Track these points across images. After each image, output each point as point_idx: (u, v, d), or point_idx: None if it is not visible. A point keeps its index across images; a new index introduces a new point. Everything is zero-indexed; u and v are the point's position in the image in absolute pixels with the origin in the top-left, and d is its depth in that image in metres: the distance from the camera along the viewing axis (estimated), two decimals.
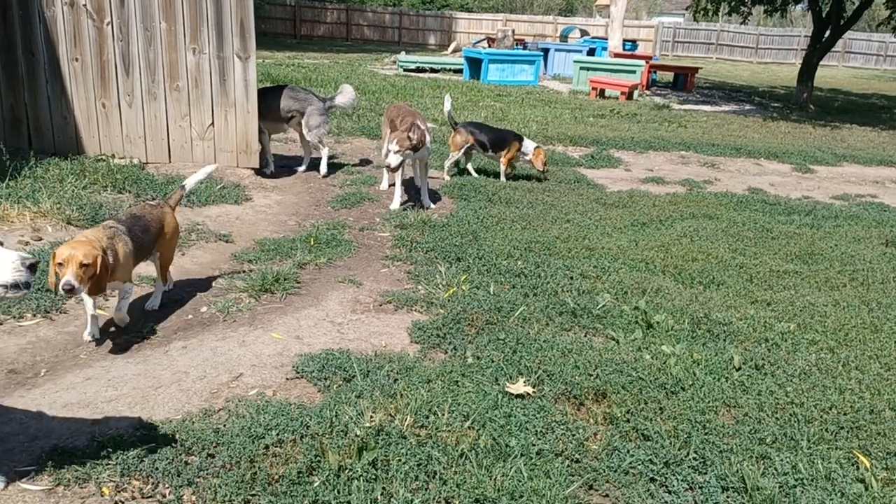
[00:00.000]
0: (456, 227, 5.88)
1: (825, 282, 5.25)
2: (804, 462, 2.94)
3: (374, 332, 4.05)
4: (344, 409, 3.07)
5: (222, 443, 2.82)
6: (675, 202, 7.36)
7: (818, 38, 18.76)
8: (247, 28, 6.65)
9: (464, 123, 8.00)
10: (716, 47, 40.91)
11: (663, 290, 4.79)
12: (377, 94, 13.64)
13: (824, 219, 7.13)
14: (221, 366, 3.52)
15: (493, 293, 4.57)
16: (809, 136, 13.62)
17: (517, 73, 18.82)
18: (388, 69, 20.48)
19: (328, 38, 36.47)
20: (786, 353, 4.00)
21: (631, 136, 11.44)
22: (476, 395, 3.31)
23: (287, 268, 4.78)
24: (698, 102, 18.45)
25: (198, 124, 6.82)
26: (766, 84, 26.28)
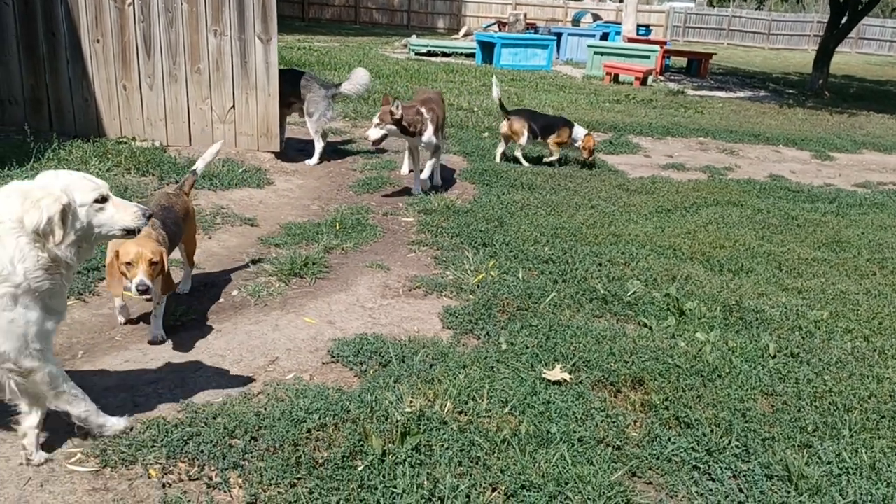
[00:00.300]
0: (480, 213, 5.85)
1: (854, 270, 5.21)
2: (848, 451, 2.92)
3: (406, 317, 4.03)
4: (384, 394, 3.06)
5: (264, 426, 2.82)
6: (698, 189, 7.31)
7: (835, 24, 18.55)
8: (268, 10, 6.60)
9: (516, 111, 7.90)
10: (727, 33, 40.52)
11: (693, 278, 4.76)
12: (391, 77, 13.55)
13: (849, 206, 7.07)
14: (257, 349, 3.52)
15: (522, 279, 4.54)
16: (827, 122, 13.51)
17: (530, 58, 18.67)
18: (400, 53, 20.36)
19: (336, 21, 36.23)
20: (820, 342, 3.97)
21: (648, 121, 11.36)
22: (513, 382, 3.30)
23: (315, 252, 4.76)
24: (713, 88, 18.30)
25: (218, 107, 6.78)
26: (780, 70, 26.05)
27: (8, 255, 2.24)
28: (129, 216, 2.52)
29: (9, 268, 2.24)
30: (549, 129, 7.76)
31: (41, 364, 2.42)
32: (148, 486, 2.49)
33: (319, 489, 2.50)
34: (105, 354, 3.35)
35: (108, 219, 2.48)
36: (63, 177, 2.42)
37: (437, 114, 6.35)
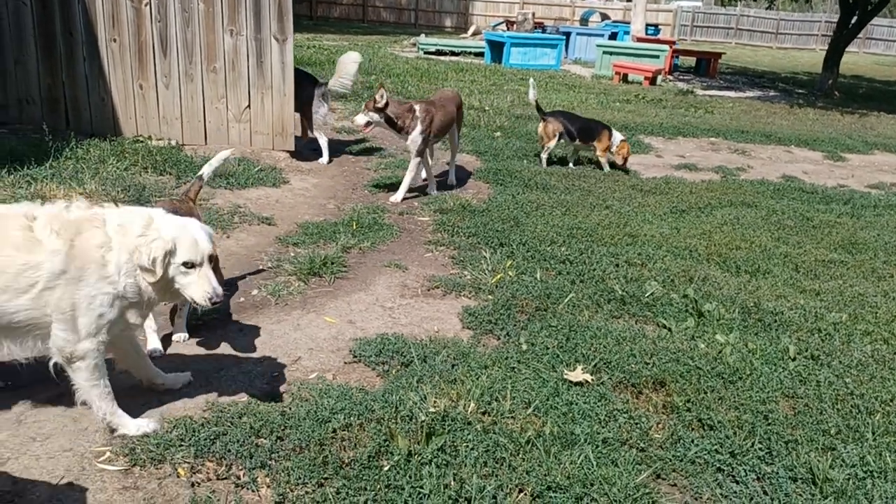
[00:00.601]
0: (496, 213, 5.86)
1: (871, 272, 5.20)
2: (872, 454, 2.93)
3: (426, 317, 4.05)
4: (407, 395, 3.07)
5: (290, 426, 2.83)
6: (712, 189, 7.30)
7: (845, 24, 18.48)
8: (284, 9, 6.62)
9: (552, 112, 7.89)
10: (735, 32, 40.36)
11: (710, 279, 4.76)
12: (402, 76, 13.56)
13: (863, 208, 7.05)
14: (279, 349, 3.53)
15: (539, 279, 4.55)
16: (838, 123, 13.47)
17: (539, 57, 18.65)
18: (409, 52, 20.36)
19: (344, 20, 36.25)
20: (840, 344, 3.97)
21: (659, 121, 11.35)
22: (535, 382, 3.31)
23: (333, 252, 4.78)
24: (722, 88, 18.26)
25: (234, 106, 6.81)
26: (789, 70, 25.96)
27: (116, 265, 2.52)
28: (200, 293, 2.62)
29: (115, 275, 2.52)
30: (587, 132, 7.70)
31: (95, 356, 2.58)
32: (177, 484, 2.51)
33: (346, 489, 2.51)
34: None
35: (186, 284, 2.62)
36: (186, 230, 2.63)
37: (433, 115, 6.16)
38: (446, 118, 6.39)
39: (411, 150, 6.20)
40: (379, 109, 5.92)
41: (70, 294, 2.46)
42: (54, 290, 2.45)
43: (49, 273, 2.42)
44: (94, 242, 2.50)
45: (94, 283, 2.50)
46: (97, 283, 2.50)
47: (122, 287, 2.54)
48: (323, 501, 2.46)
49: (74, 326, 2.50)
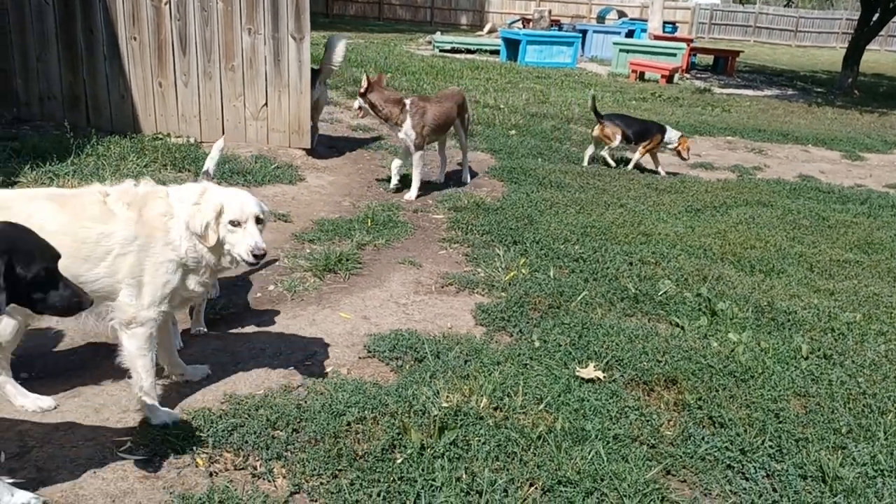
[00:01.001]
0: (510, 211, 5.89)
1: (887, 272, 5.18)
2: (883, 453, 2.93)
3: (439, 313, 4.09)
4: (420, 389, 3.12)
5: (305, 418, 2.89)
6: (728, 188, 7.29)
7: (866, 22, 18.30)
8: (302, 9, 6.68)
9: (609, 115, 7.97)
10: (753, 30, 40.03)
11: (724, 278, 4.77)
12: (417, 74, 13.60)
13: (881, 208, 7.01)
14: (295, 343, 3.59)
15: (553, 277, 4.58)
16: (857, 122, 13.35)
17: (555, 55, 18.62)
18: (424, 50, 20.40)
19: (360, 17, 36.35)
20: (853, 344, 3.97)
21: (675, 120, 11.30)
22: (547, 379, 3.34)
23: (348, 248, 4.83)
24: (739, 87, 18.15)
25: (251, 104, 6.88)
26: (808, 68, 25.73)
27: (177, 231, 2.72)
28: (244, 247, 2.75)
29: (177, 241, 2.73)
30: (642, 134, 7.78)
31: (152, 325, 2.75)
32: (195, 474, 2.57)
33: (360, 481, 2.56)
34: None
35: (234, 242, 2.77)
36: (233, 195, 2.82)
37: (425, 110, 6.12)
38: (442, 116, 6.30)
39: (409, 145, 6.21)
40: (362, 95, 6.01)
41: (140, 260, 2.65)
42: (126, 256, 2.63)
43: (122, 239, 2.62)
44: (158, 212, 2.71)
45: (160, 250, 2.69)
46: (162, 249, 2.70)
47: (184, 252, 2.73)
48: (337, 492, 2.51)
49: (140, 293, 2.69)
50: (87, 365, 3.25)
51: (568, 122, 10.28)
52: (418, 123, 6.11)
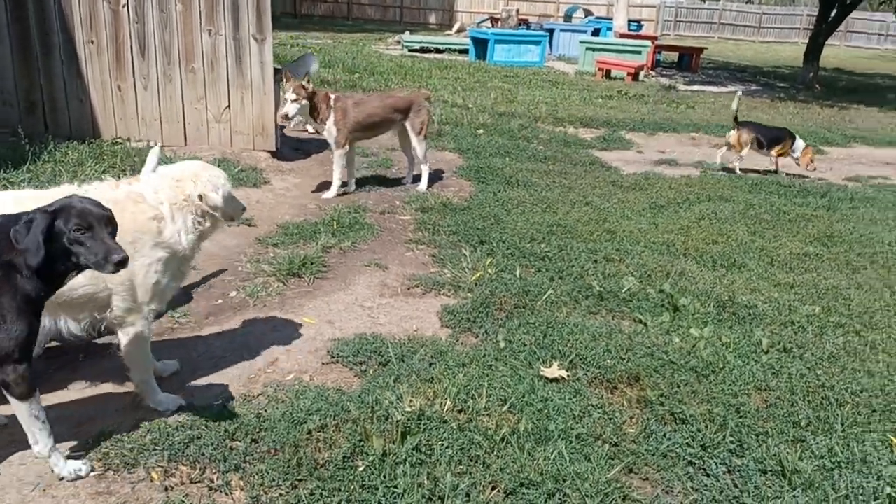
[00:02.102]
0: (477, 211, 5.89)
1: (846, 264, 5.27)
2: (840, 445, 2.98)
3: (405, 316, 4.07)
4: (384, 394, 3.09)
5: (265, 428, 2.85)
6: (691, 184, 7.36)
7: (825, 18, 18.63)
8: (263, 9, 6.60)
9: (746, 122, 8.34)
10: (718, 27, 40.53)
11: (687, 274, 4.81)
12: (385, 74, 13.54)
13: (840, 201, 7.13)
14: (256, 350, 3.54)
15: (519, 277, 4.58)
16: (818, 116, 13.58)
17: (523, 54, 18.67)
18: (393, 49, 20.32)
19: (329, 17, 36.11)
20: (813, 336, 4.03)
21: (640, 117, 11.41)
22: (512, 380, 3.34)
23: (312, 252, 4.78)
24: (704, 83, 18.35)
25: (214, 107, 6.79)
26: (770, 64, 26.11)
27: (172, 230, 2.82)
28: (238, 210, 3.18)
29: (174, 238, 2.83)
30: (775, 140, 8.19)
31: (145, 322, 2.85)
32: (150, 489, 2.52)
33: (321, 490, 2.53)
34: (102, 358, 3.37)
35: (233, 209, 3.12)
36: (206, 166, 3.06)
37: (347, 108, 6.02)
38: (368, 115, 6.19)
39: (330, 141, 6.11)
40: (310, 96, 5.89)
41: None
42: None
43: None
44: (146, 216, 2.77)
45: (150, 252, 2.76)
46: (152, 250, 2.76)
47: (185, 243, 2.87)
48: (296, 503, 2.48)
49: (133, 294, 2.76)
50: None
51: (535, 121, 10.31)
52: (340, 120, 6.03)
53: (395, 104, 6.43)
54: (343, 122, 6.05)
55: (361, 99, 6.39)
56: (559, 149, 8.69)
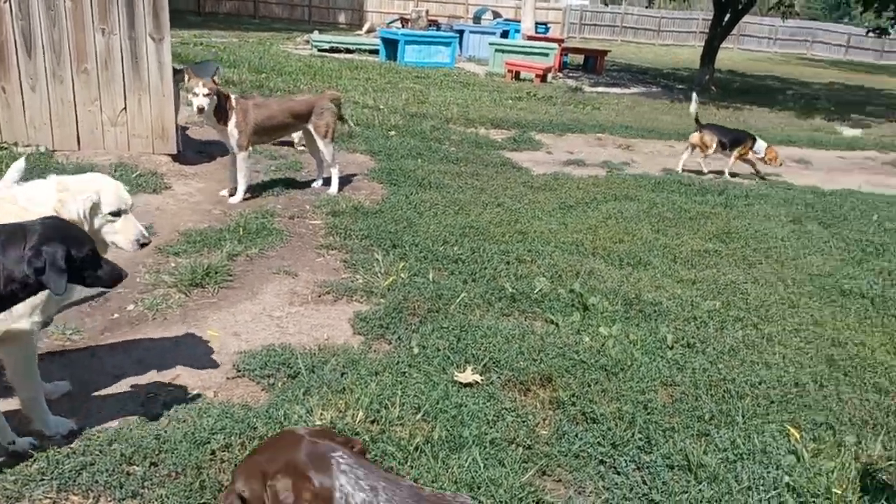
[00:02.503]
0: (389, 214, 5.82)
1: (743, 260, 5.52)
2: (741, 437, 3.09)
3: (315, 324, 3.96)
4: (293, 408, 2.99)
5: (165, 450, 2.70)
6: (598, 184, 7.54)
7: (719, 22, 19.57)
8: (160, 7, 6.30)
9: (708, 125, 8.70)
10: (620, 30, 41.97)
11: (596, 273, 4.91)
12: (294, 75, 13.25)
13: (736, 198, 7.47)
14: (156, 367, 3.36)
15: (432, 280, 4.55)
16: (714, 117, 14.18)
17: (434, 55, 18.72)
18: (302, 49, 19.94)
19: (234, 15, 35.14)
20: (714, 331, 4.19)
21: (549, 118, 11.63)
22: (426, 386, 3.30)
23: (217, 260, 4.60)
24: (609, 85, 18.92)
25: (109, 109, 6.43)
26: (670, 66, 27.22)
27: None
28: (126, 239, 2.86)
29: None
30: (736, 142, 8.55)
31: (28, 336, 2.64)
32: None
33: None
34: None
35: (112, 231, 2.83)
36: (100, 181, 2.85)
37: (248, 109, 5.84)
38: (268, 118, 6.01)
39: (232, 144, 5.92)
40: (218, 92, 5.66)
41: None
42: None
43: None
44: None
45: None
46: None
47: None
48: None
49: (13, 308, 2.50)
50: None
51: (447, 123, 10.33)
52: (241, 122, 5.84)
53: (295, 107, 6.27)
54: (244, 124, 5.85)
55: (262, 101, 6.19)
56: (471, 150, 8.74)
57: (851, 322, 4.49)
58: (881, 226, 6.73)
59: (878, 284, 5.12)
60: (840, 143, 11.99)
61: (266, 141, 6.53)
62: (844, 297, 4.89)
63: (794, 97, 18.92)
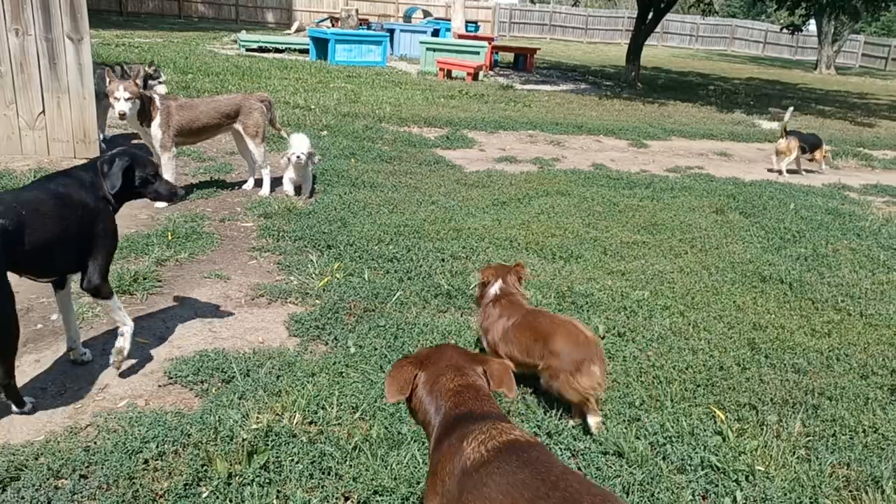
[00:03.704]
0: (323, 214, 5.78)
1: (669, 250, 5.70)
2: (670, 421, 3.21)
3: (249, 328, 3.91)
4: (227, 413, 2.95)
5: (95, 462, 2.63)
6: (530, 180, 7.67)
7: (643, 20, 20.13)
8: (77, 6, 6.09)
9: (791, 132, 9.55)
10: (549, 28, 42.69)
11: (529, 267, 4.99)
12: (221, 75, 12.97)
13: (662, 191, 7.71)
14: (83, 377, 3.26)
15: (367, 280, 4.55)
16: (640, 112, 14.62)
17: (365, 54, 18.63)
18: (229, 49, 19.53)
19: (158, 15, 34.15)
20: (643, 320, 4.32)
21: (481, 116, 11.73)
22: (363, 385, 3.31)
23: (145, 266, 4.48)
24: (539, 82, 19.22)
25: (26, 112, 6.18)
26: (598, 63, 27.84)
27: None
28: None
29: None
30: (814, 146, 9.66)
31: None
32: None
33: None
34: None
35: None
36: None
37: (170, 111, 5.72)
38: (192, 120, 5.89)
39: (155, 145, 5.76)
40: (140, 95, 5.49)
41: None
42: None
43: None
44: None
45: None
46: None
47: None
48: None
49: None
50: None
51: (380, 122, 10.30)
52: (164, 123, 5.70)
53: (222, 107, 6.14)
54: (167, 125, 5.70)
55: (186, 102, 6.04)
56: (404, 149, 8.75)
57: (771, 307, 4.70)
58: (797, 214, 7.07)
59: (795, 270, 5.38)
60: (758, 136, 12.51)
61: (193, 142, 6.39)
62: (765, 283, 5.12)
63: (715, 92, 19.62)
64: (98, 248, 3.15)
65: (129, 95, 5.36)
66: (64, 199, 3.00)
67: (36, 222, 2.84)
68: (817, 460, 3.03)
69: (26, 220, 2.80)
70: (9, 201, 2.82)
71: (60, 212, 2.95)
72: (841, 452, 3.10)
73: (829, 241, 6.21)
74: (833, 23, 32.99)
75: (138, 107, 5.48)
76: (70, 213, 3.00)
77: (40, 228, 2.85)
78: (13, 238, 2.73)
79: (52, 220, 2.91)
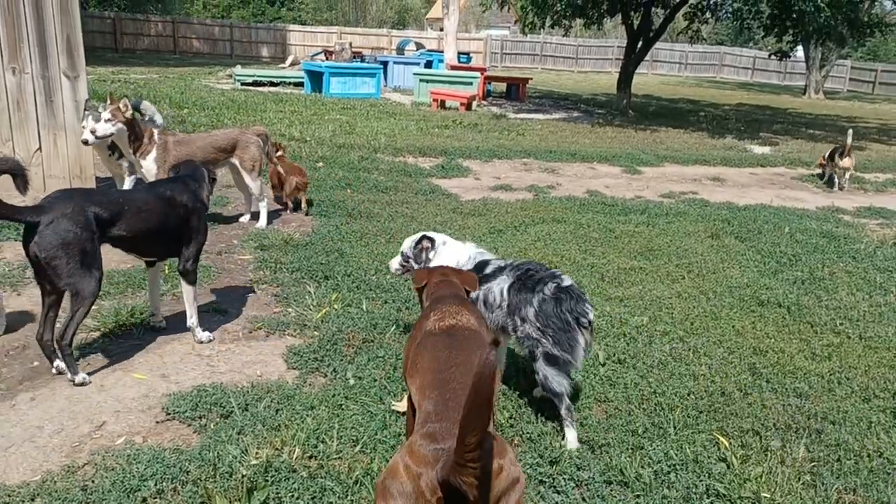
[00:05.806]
0: (320, 245, 5.78)
1: (666, 275, 5.71)
2: (674, 448, 3.18)
3: (247, 361, 3.88)
4: (226, 449, 2.92)
5: (93, 501, 2.59)
6: (525, 208, 7.70)
7: (632, 49, 20.40)
8: (74, 45, 6.15)
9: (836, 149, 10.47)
10: (540, 58, 43.20)
11: None
12: (217, 109, 13.07)
13: (657, 216, 7.75)
14: (80, 415, 3.23)
15: (366, 310, 4.54)
16: (632, 139, 14.74)
17: (359, 86, 18.81)
18: (224, 83, 19.71)
19: (153, 51, 34.55)
20: (643, 346, 4.31)
21: (476, 145, 11.82)
22: (363, 418, 3.28)
23: (142, 301, 4.46)
24: (531, 111, 19.40)
25: (23, 149, 6.20)
26: (589, 92, 28.14)
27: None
28: None
29: None
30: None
31: None
32: None
33: None
34: None
35: None
36: None
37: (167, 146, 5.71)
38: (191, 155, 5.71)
39: (149, 178, 5.68)
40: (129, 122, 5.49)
41: None
42: None
43: None
44: None
45: None
46: None
47: None
48: None
49: None
50: None
51: (375, 152, 10.37)
52: (160, 157, 5.68)
53: (219, 141, 6.18)
54: (163, 160, 5.71)
55: (183, 137, 6.07)
56: (400, 179, 8.79)
57: (770, 331, 4.70)
58: (793, 237, 7.09)
59: (793, 293, 5.39)
60: (751, 161, 12.61)
61: None
62: (763, 307, 5.12)
63: (706, 118, 19.81)
64: (193, 240, 3.96)
65: (110, 117, 5.37)
66: (168, 200, 3.83)
67: (134, 215, 3.62)
68: (823, 486, 3.00)
69: (125, 212, 3.58)
70: (115, 198, 3.65)
71: (164, 209, 3.78)
72: (846, 478, 3.07)
73: (825, 264, 6.23)
74: (820, 49, 33.45)
75: (124, 134, 5.47)
76: (172, 210, 3.82)
77: (138, 219, 3.64)
78: (109, 223, 3.51)
79: (153, 214, 3.71)
